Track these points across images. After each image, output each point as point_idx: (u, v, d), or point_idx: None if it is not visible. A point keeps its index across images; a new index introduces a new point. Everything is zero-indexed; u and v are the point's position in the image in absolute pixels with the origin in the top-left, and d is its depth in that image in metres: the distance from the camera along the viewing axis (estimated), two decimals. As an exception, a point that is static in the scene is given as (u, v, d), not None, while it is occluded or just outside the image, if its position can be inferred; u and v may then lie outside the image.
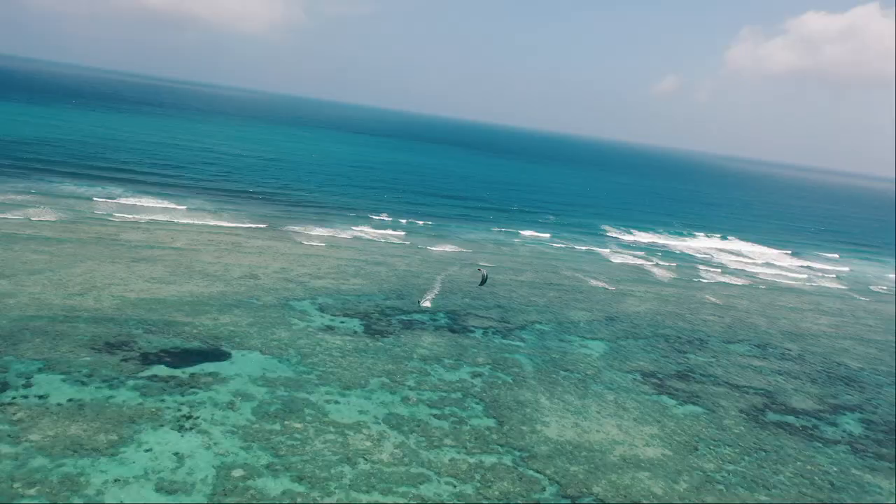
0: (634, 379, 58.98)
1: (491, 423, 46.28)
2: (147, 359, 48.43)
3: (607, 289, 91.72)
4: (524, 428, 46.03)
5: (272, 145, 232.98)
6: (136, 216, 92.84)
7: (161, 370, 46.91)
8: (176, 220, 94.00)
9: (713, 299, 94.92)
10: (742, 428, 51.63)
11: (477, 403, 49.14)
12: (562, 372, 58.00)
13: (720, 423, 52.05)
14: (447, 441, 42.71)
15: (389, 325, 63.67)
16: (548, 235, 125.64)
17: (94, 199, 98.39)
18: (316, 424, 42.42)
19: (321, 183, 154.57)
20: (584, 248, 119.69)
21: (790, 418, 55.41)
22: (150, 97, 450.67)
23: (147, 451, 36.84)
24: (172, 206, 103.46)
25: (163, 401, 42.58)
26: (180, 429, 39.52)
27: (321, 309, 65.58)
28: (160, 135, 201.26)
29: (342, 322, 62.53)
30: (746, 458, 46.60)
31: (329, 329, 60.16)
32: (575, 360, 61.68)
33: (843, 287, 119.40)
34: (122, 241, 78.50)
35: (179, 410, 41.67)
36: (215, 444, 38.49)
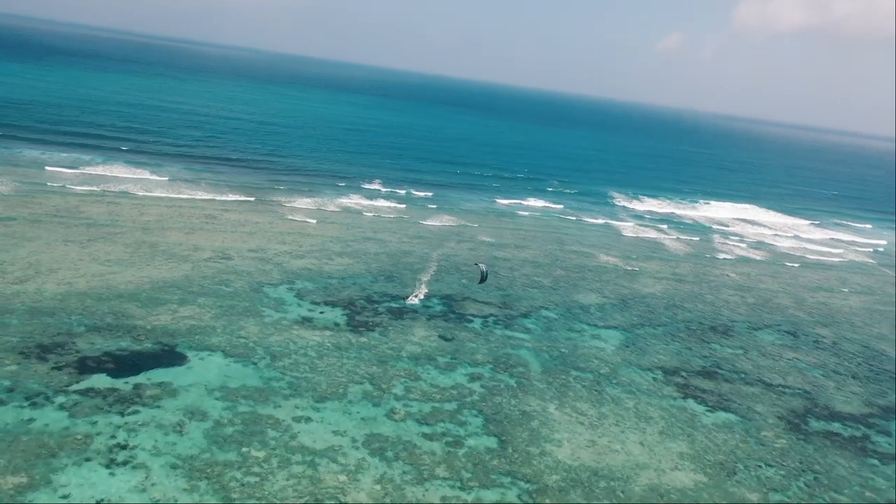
0: (655, 378, 51.63)
1: (492, 443, 38.97)
2: (85, 366, 40.88)
3: (618, 266, 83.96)
4: (531, 449, 38.75)
5: (264, 107, 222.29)
6: (102, 187, 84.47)
7: (100, 381, 39.40)
8: (146, 192, 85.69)
9: (734, 276, 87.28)
10: (784, 441, 44.41)
11: (475, 416, 41.79)
12: (573, 371, 50.60)
13: (758, 434, 44.81)
14: (439, 471, 35.42)
15: (376, 315, 56.07)
16: (552, 205, 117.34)
17: (58, 168, 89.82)
18: (281, 452, 35.06)
19: (312, 148, 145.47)
20: (591, 218, 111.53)
21: (836, 426, 48.19)
22: (137, 55, 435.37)
23: (63, 498, 29.51)
24: (145, 175, 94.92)
25: (95, 424, 35.15)
26: (110, 464, 32.13)
27: (299, 296, 57.90)
28: (142, 96, 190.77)
29: (322, 313, 54.89)
30: (794, 483, 39.45)
31: (306, 322, 52.54)
32: (587, 354, 54.27)
33: (873, 261, 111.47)
34: (81, 217, 70.37)
35: (114, 437, 34.25)
36: (152, 485, 31.14)
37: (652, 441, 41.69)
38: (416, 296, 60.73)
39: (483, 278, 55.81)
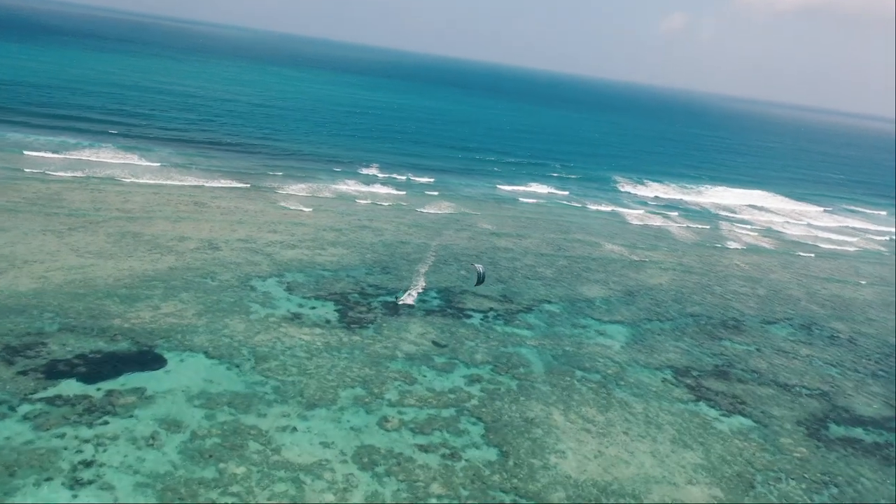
0: (665, 379, 48.78)
1: (492, 454, 36.16)
2: (54, 370, 37.99)
3: (624, 255, 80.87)
4: (535, 461, 35.94)
5: (260, 88, 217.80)
6: (86, 172, 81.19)
7: (69, 387, 36.54)
8: (133, 178, 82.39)
9: (743, 266, 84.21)
10: (804, 449, 41.63)
11: (474, 424, 38.96)
12: (577, 372, 47.73)
13: (776, 441, 42.02)
14: (435, 488, 32.63)
15: (370, 311, 53.10)
16: (555, 190, 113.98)
17: (41, 152, 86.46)
18: (263, 468, 32.25)
19: (309, 131, 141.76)
20: (595, 205, 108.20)
21: (858, 431, 45.42)
22: (133, 35, 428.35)
23: (17, 525, 26.74)
24: (133, 160, 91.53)
25: (62, 437, 32.31)
26: (74, 484, 29.33)
27: (289, 289, 54.91)
28: (135, 76, 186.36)
29: (313, 308, 51.92)
30: (818, 497, 36.71)
31: (296, 318, 49.60)
32: (592, 353, 51.38)
33: (887, 250, 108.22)
34: (62, 205, 67.19)
35: (80, 452, 31.42)
36: (118, 508, 28.36)
37: (664, 451, 38.89)
38: (409, 295, 56.40)
39: (480, 280, 51.37)
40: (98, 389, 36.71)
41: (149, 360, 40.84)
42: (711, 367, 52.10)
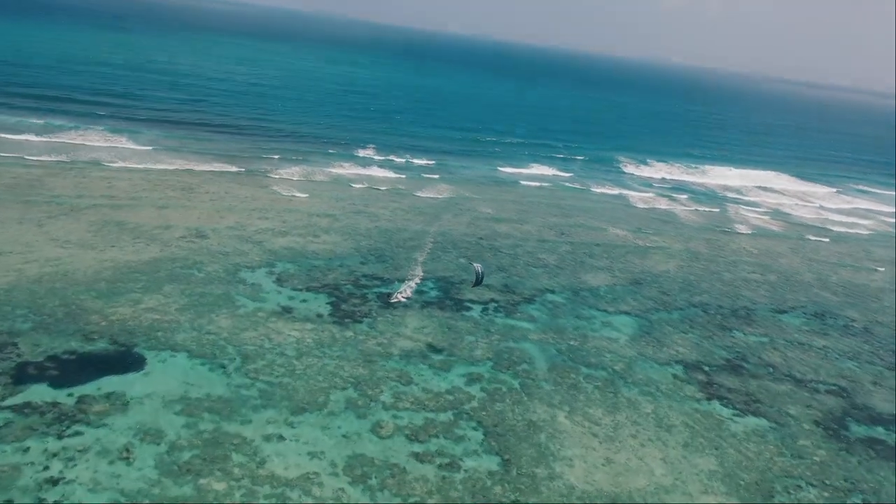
0: (675, 375, 46.33)
1: (493, 463, 33.75)
2: (24, 374, 35.46)
3: (628, 240, 78.11)
4: (539, 470, 33.55)
5: (255, 66, 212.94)
6: (71, 156, 78.07)
7: (39, 393, 34.02)
8: (120, 162, 79.28)
9: (751, 250, 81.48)
10: (823, 452, 39.26)
11: (474, 429, 36.53)
12: (583, 368, 45.25)
13: (794, 444, 39.65)
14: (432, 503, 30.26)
15: (364, 304, 50.47)
16: (557, 172, 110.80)
17: (23, 134, 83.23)
18: (246, 483, 29.82)
19: (304, 111, 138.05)
20: (598, 187, 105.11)
21: (879, 431, 43.07)
22: (128, 10, 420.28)
23: (-29, 555, 24.33)
24: (121, 142, 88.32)
25: (26, 451, 29.84)
26: (37, 505, 26.90)
27: (279, 281, 52.24)
28: (126, 55, 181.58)
29: (304, 301, 49.30)
30: (840, 508, 34.38)
31: (285, 312, 46.99)
32: (598, 347, 48.87)
33: None
34: (42, 191, 64.25)
35: (46, 469, 28.98)
36: (84, 533, 25.96)
37: (676, 456, 36.50)
38: (401, 293, 52.65)
39: (478, 281, 47.83)
40: (70, 395, 34.20)
41: (127, 361, 38.31)
42: (723, 362, 49.63)
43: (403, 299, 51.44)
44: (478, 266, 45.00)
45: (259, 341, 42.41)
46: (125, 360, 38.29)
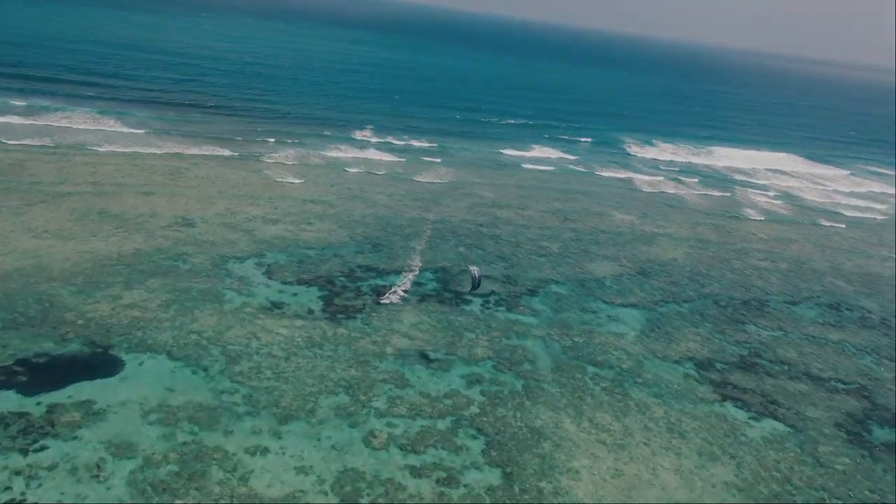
0: (686, 374, 43.88)
1: (495, 477, 31.37)
2: (-10, 380, 32.97)
3: (634, 226, 75.32)
4: (544, 485, 31.17)
5: (251, 44, 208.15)
6: (55, 139, 75.04)
7: (6, 401, 31.60)
8: (107, 145, 76.25)
9: (761, 236, 78.73)
10: (846, 460, 36.89)
11: (474, 438, 34.11)
12: (589, 367, 42.78)
13: (814, 451, 37.28)
14: (427, 526, 27.91)
15: (358, 297, 47.89)
16: (560, 153, 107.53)
17: (5, 116, 80.00)
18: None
19: (300, 91, 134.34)
20: (603, 169, 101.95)
21: (903, 435, 40.63)
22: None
23: None
24: (108, 124, 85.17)
25: (-14, 468, 27.42)
26: (-6, 533, 24.54)
27: (269, 273, 49.64)
28: (119, 32, 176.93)
29: (294, 295, 46.72)
30: (867, 524, 32.05)
31: (275, 308, 44.44)
32: (605, 343, 46.37)
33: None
34: (22, 177, 61.41)
35: (7, 489, 26.62)
36: (45, 565, 23.60)
37: (690, 466, 34.13)
38: (393, 291, 48.89)
39: (475, 285, 43.80)
40: (38, 404, 31.75)
41: (103, 364, 35.83)
42: (736, 358, 47.16)
43: (396, 300, 47.64)
44: (474, 270, 41.46)
45: (245, 341, 39.89)
46: (101, 364, 35.82)
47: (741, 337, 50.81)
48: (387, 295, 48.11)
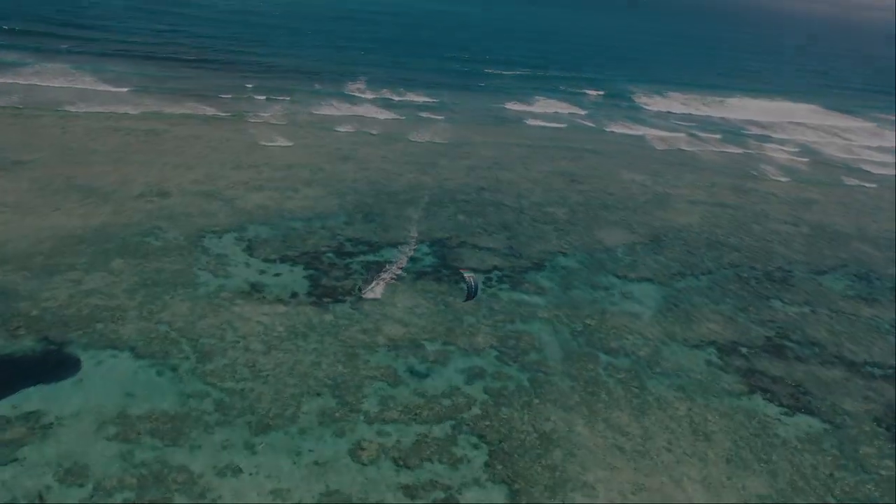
0: (709, 361, 39.85)
1: (499, 496, 27.60)
2: (-77, 389, 28.90)
3: (646, 187, 70.32)
4: (554, 505, 27.39)
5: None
6: (23, 98, 69.63)
7: (-62, 416, 27.55)
8: (79, 103, 70.81)
9: (781, 195, 73.79)
10: (890, 464, 33.09)
11: (475, 447, 30.23)
12: (602, 356, 38.72)
13: (855, 453, 33.46)
14: (422, 563, 24.19)
15: (348, 276, 43.54)
16: (565, 107, 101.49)
17: (-31, 74, 74.31)
18: (187, 540, 23.67)
19: (291, 42, 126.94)
20: (611, 124, 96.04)
21: (950, 430, 36.78)
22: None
23: None
24: (82, 81, 79.37)
25: None
26: None
27: (249, 248, 45.21)
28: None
29: (276, 275, 42.35)
30: (920, 544, 28.39)
31: (254, 291, 40.14)
32: (618, 326, 42.21)
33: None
34: (-18, 142, 56.36)
35: (-70, 529, 22.75)
36: None
37: (719, 476, 30.33)
38: (377, 284, 42.45)
39: (471, 294, 36.53)
40: (-23, 418, 27.75)
41: (56, 364, 31.76)
42: (763, 341, 43.05)
43: (378, 295, 41.53)
44: (470, 276, 35.37)
45: (220, 332, 35.71)
46: (54, 363, 31.75)
47: (766, 315, 46.60)
48: (371, 288, 41.88)
